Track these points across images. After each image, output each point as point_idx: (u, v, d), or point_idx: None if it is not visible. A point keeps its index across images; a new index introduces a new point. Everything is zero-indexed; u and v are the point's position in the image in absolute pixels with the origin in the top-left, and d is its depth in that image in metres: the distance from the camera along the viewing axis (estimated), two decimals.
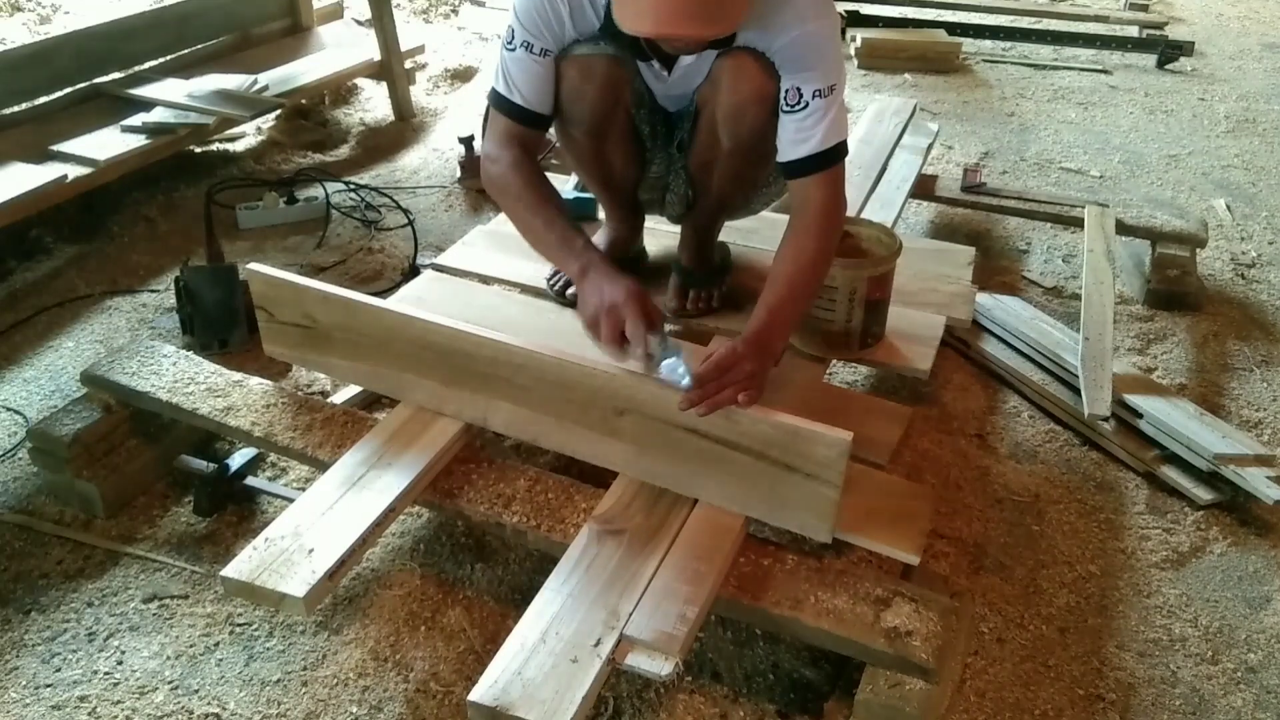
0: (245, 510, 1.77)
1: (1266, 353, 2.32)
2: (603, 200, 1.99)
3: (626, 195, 1.90)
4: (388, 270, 2.52)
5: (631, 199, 1.92)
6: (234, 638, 1.54)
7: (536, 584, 1.36)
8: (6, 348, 2.23)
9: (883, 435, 1.63)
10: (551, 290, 1.99)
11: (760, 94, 1.56)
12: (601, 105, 1.66)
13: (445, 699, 1.43)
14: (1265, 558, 1.75)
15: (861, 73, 4.17)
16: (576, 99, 1.64)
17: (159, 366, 1.77)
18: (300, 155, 3.20)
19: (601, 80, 1.61)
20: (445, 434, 1.59)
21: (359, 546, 1.41)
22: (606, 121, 1.70)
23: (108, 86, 2.99)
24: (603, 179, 1.86)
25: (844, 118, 1.59)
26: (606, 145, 1.76)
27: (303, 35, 3.60)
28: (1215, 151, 3.45)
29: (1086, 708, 1.48)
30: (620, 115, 1.71)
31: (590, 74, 1.61)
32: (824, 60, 1.54)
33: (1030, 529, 1.79)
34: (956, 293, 2.00)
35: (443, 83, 3.82)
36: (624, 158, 1.80)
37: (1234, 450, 1.84)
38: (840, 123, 1.57)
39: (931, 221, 2.87)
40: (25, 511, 1.77)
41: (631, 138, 1.77)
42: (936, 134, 2.99)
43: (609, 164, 1.81)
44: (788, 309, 1.53)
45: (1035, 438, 2.02)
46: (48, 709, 1.43)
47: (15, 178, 2.43)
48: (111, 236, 2.69)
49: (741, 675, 1.48)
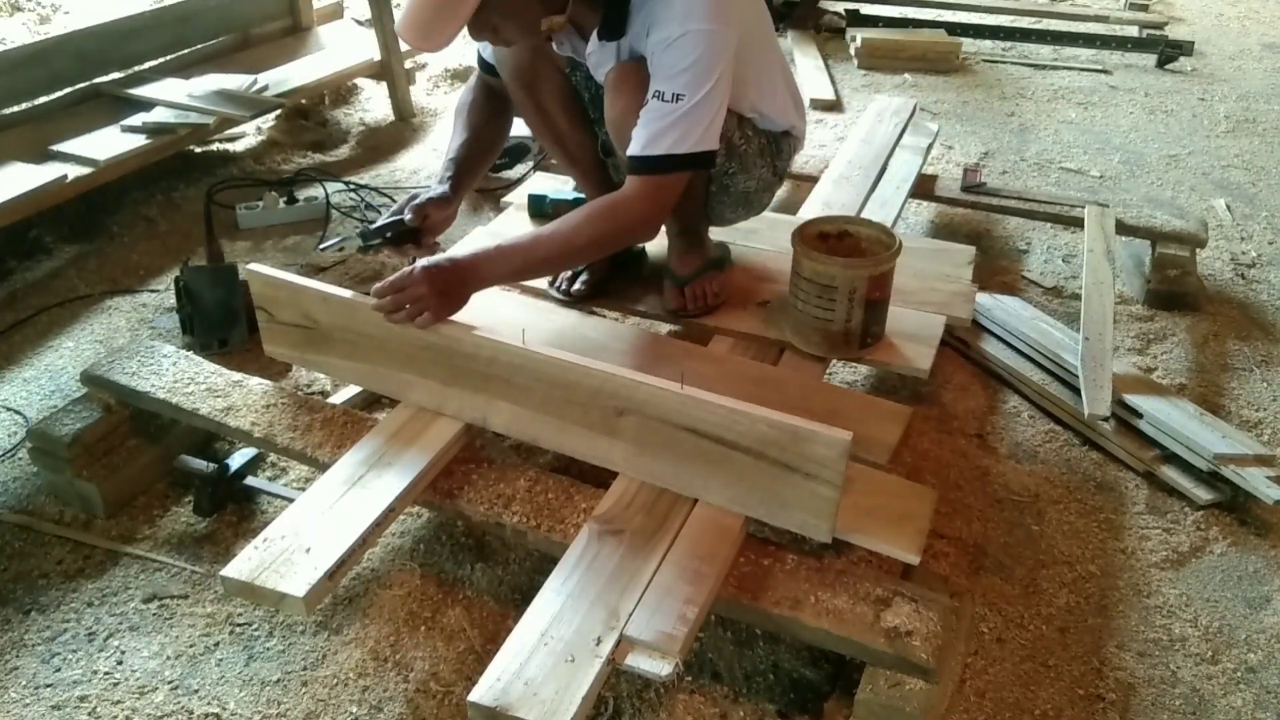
0: (245, 510, 1.77)
1: (1266, 353, 2.32)
2: (576, 179, 2.04)
3: (594, 171, 1.94)
4: (388, 270, 2.52)
5: (603, 179, 1.94)
6: (234, 638, 1.54)
7: (536, 584, 1.36)
8: (6, 348, 2.23)
9: (883, 435, 1.63)
10: (552, 290, 1.99)
11: (634, 107, 1.58)
12: (522, 55, 1.77)
13: (445, 699, 1.43)
14: (1265, 558, 1.75)
15: (861, 73, 4.17)
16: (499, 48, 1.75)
17: (159, 366, 1.77)
18: (300, 155, 3.21)
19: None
20: (445, 434, 1.59)
21: (359, 546, 1.41)
22: (534, 73, 1.80)
23: (108, 86, 3.00)
24: (558, 142, 1.92)
25: (688, 131, 1.54)
26: (543, 99, 1.84)
27: (303, 35, 3.61)
28: (1215, 151, 3.45)
29: (1086, 708, 1.48)
30: (549, 71, 1.81)
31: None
32: (679, 63, 1.52)
33: (1030, 529, 1.79)
34: (956, 292, 2.00)
35: (443, 83, 3.82)
36: (566, 117, 1.87)
37: (1234, 450, 1.83)
38: (673, 136, 1.53)
39: (931, 221, 2.86)
40: (25, 511, 1.77)
41: (570, 97, 1.86)
42: (936, 134, 2.99)
43: (554, 123, 1.87)
44: (515, 253, 1.59)
45: (1035, 438, 2.02)
46: (48, 709, 1.43)
47: (15, 178, 2.43)
48: (111, 236, 2.69)
49: (741, 675, 1.48)
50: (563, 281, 1.97)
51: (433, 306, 1.52)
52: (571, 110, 1.87)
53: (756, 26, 1.73)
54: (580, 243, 1.61)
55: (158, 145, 2.72)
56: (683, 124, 1.54)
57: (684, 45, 1.52)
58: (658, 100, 1.54)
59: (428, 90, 3.75)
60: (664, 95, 1.53)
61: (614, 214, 1.61)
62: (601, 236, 1.61)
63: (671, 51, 1.53)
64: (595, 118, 1.86)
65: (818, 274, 1.75)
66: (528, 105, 1.86)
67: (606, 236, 1.62)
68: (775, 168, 1.88)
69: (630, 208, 1.60)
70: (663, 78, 1.54)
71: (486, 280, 1.60)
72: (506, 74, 1.82)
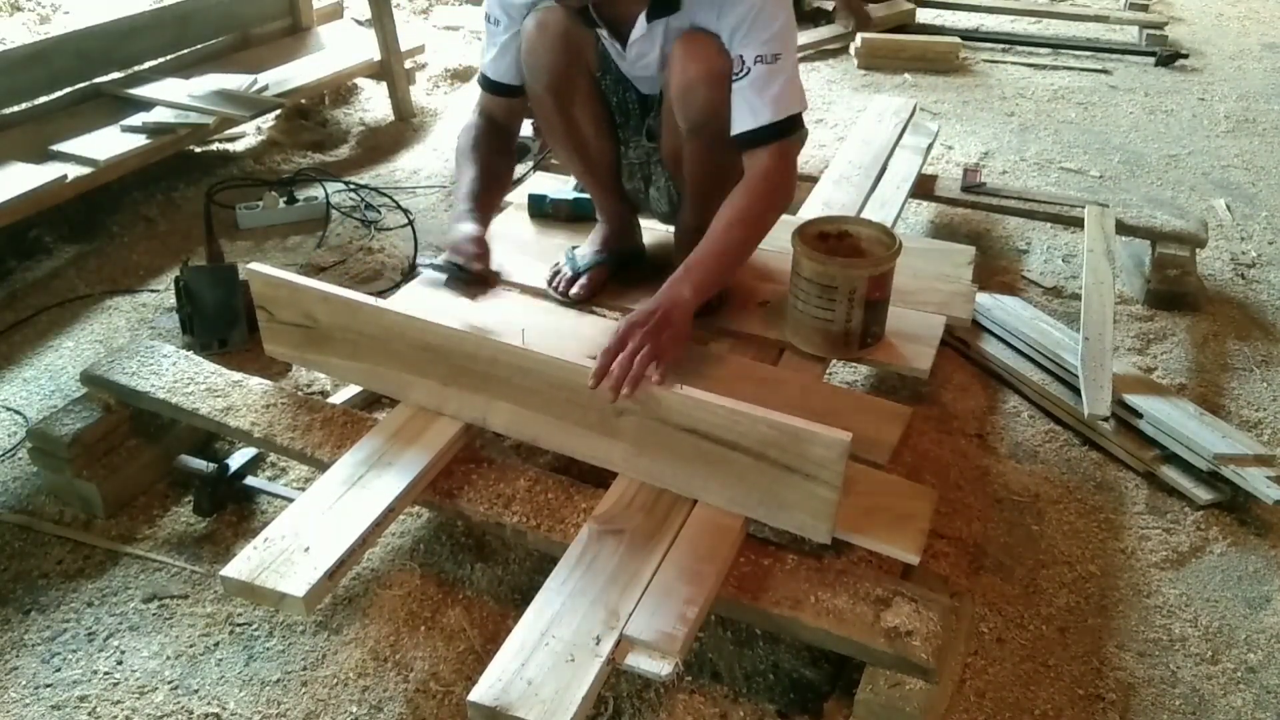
0: (245, 510, 1.77)
1: (1266, 353, 2.32)
2: (588, 186, 2.02)
3: (608, 178, 1.93)
4: (388, 270, 2.52)
5: (615, 185, 1.94)
6: (234, 638, 1.54)
7: (536, 584, 1.36)
8: (6, 348, 2.23)
9: (883, 435, 1.63)
10: (552, 291, 1.99)
11: (710, 73, 1.57)
12: (558, 58, 1.71)
13: (445, 699, 1.43)
14: (1265, 558, 1.75)
15: (861, 73, 4.16)
16: (534, 50, 1.71)
17: (159, 366, 1.77)
18: (300, 155, 3.21)
19: (556, 31, 1.68)
20: (445, 434, 1.59)
21: (359, 546, 1.41)
22: (566, 80, 1.75)
23: (108, 86, 2.99)
24: (578, 150, 1.88)
25: (795, 90, 1.58)
26: (573, 108, 1.81)
27: (303, 35, 3.60)
28: (1215, 151, 3.45)
29: (1086, 708, 1.48)
30: (582, 78, 1.77)
31: (545, 27, 1.69)
32: (768, 28, 1.55)
33: (1030, 529, 1.79)
34: (956, 292, 2.00)
35: (443, 83, 3.82)
36: (593, 125, 1.83)
37: (1234, 450, 1.83)
38: (789, 95, 1.57)
39: (931, 221, 2.87)
40: (25, 511, 1.77)
41: (599, 103, 1.82)
42: (936, 134, 2.99)
43: (579, 132, 1.84)
44: (709, 264, 1.56)
45: (1035, 438, 2.02)
46: (47, 709, 1.43)
47: (15, 178, 2.43)
48: (111, 236, 2.69)
49: (741, 675, 1.48)
50: (562, 282, 1.97)
51: (667, 357, 1.44)
52: (599, 117, 1.84)
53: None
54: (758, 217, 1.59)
55: (158, 145, 2.72)
56: (788, 84, 1.56)
57: (764, 9, 1.54)
58: (761, 64, 1.54)
59: (428, 90, 3.75)
60: (765, 58, 1.54)
61: (770, 180, 1.58)
62: (773, 206, 1.61)
63: (756, 16, 1.54)
64: (620, 123, 1.86)
65: (818, 274, 1.75)
66: (555, 111, 1.81)
67: (777, 203, 1.62)
68: None
69: (784, 173, 1.59)
70: (757, 42, 1.54)
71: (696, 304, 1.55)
72: (539, 78, 1.75)
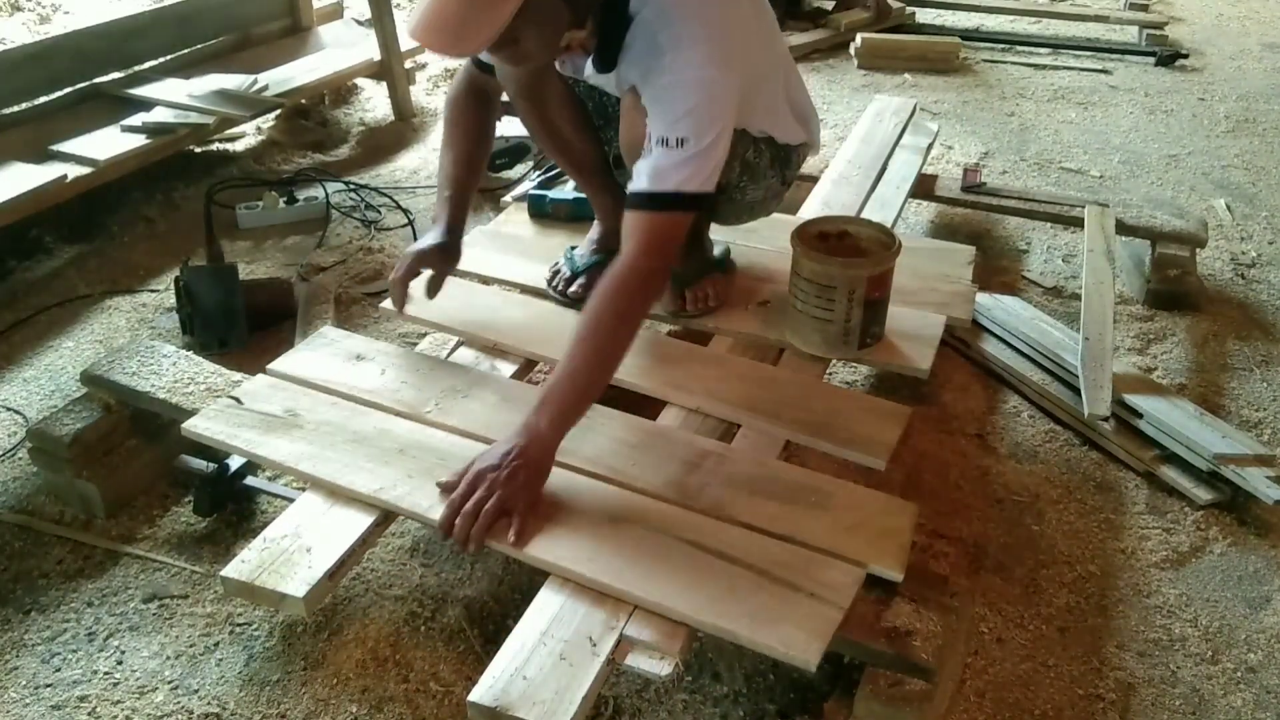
0: (245, 510, 1.77)
1: (1266, 353, 2.32)
2: (580, 185, 2.03)
3: (597, 176, 1.93)
4: (387, 270, 2.52)
5: (607, 182, 1.93)
6: (234, 638, 1.54)
7: (536, 584, 1.36)
8: (6, 348, 2.23)
9: (882, 435, 1.63)
10: (552, 291, 1.99)
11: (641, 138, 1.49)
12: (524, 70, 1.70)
13: (445, 699, 1.43)
14: (1265, 558, 1.75)
15: (861, 73, 4.16)
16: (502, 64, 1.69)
17: (159, 366, 1.77)
18: (300, 155, 3.21)
19: None
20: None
21: (359, 546, 1.41)
22: (538, 88, 1.78)
23: (108, 86, 3.00)
24: (563, 151, 1.90)
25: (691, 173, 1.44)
26: (549, 113, 1.82)
27: (303, 35, 3.61)
28: (1215, 151, 3.45)
29: (1086, 708, 1.48)
30: (554, 84, 1.78)
31: None
32: (677, 107, 1.43)
33: (1030, 529, 1.79)
34: (956, 292, 2.00)
35: (443, 83, 3.81)
36: (572, 127, 1.84)
37: (1234, 450, 1.83)
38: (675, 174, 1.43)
39: (931, 221, 2.86)
40: (25, 511, 1.77)
41: (575, 107, 1.83)
42: (936, 134, 2.99)
43: (560, 134, 1.85)
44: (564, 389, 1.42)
45: (1035, 438, 2.02)
46: (47, 709, 1.43)
47: (15, 178, 2.44)
48: (111, 236, 2.69)
49: (741, 675, 1.48)
50: (561, 282, 1.97)
51: (520, 506, 1.37)
52: (577, 119, 1.85)
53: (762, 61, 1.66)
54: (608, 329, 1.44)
55: (158, 145, 2.72)
56: (684, 167, 1.43)
57: (685, 90, 1.43)
58: (662, 147, 1.43)
59: (428, 90, 3.75)
60: (668, 141, 1.43)
61: (625, 284, 1.44)
62: (627, 311, 1.46)
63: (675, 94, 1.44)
64: (600, 124, 1.86)
65: (817, 274, 1.75)
66: (533, 118, 1.84)
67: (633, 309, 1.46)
68: (784, 176, 1.87)
69: (645, 257, 1.45)
70: (663, 123, 1.44)
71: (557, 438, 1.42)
72: (511, 88, 1.80)
